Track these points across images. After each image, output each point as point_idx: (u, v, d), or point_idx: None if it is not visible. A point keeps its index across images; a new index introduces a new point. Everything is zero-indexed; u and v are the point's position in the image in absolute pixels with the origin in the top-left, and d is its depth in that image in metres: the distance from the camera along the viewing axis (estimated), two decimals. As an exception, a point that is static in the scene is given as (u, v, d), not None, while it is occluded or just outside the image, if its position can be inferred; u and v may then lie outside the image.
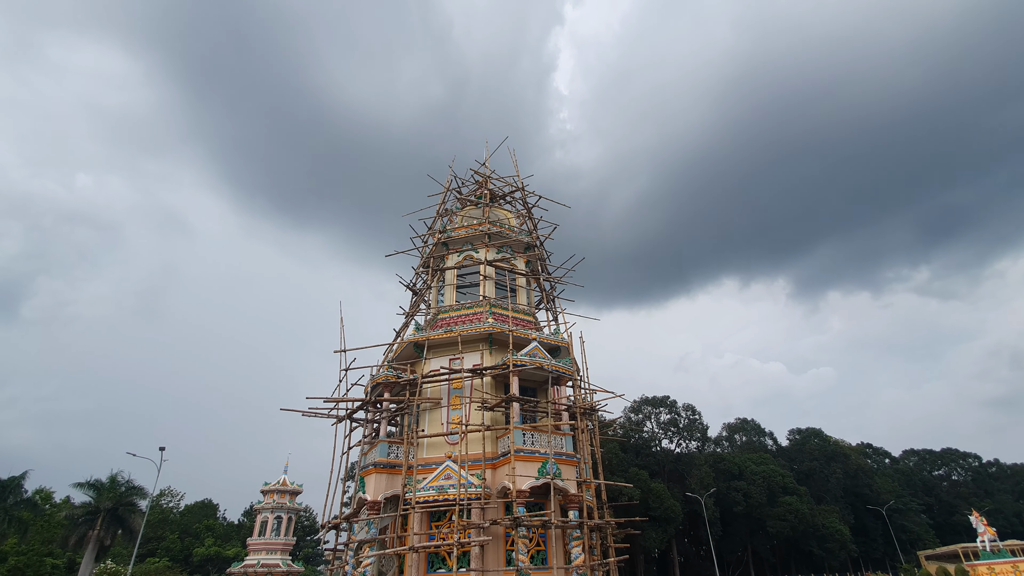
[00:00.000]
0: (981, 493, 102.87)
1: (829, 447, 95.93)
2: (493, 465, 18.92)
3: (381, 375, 21.77)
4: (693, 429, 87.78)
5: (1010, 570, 31.86)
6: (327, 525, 21.72)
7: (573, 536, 17.56)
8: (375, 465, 19.43)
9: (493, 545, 17.17)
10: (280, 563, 51.84)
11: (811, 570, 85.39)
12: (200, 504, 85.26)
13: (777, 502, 78.47)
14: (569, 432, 20.56)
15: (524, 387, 21.37)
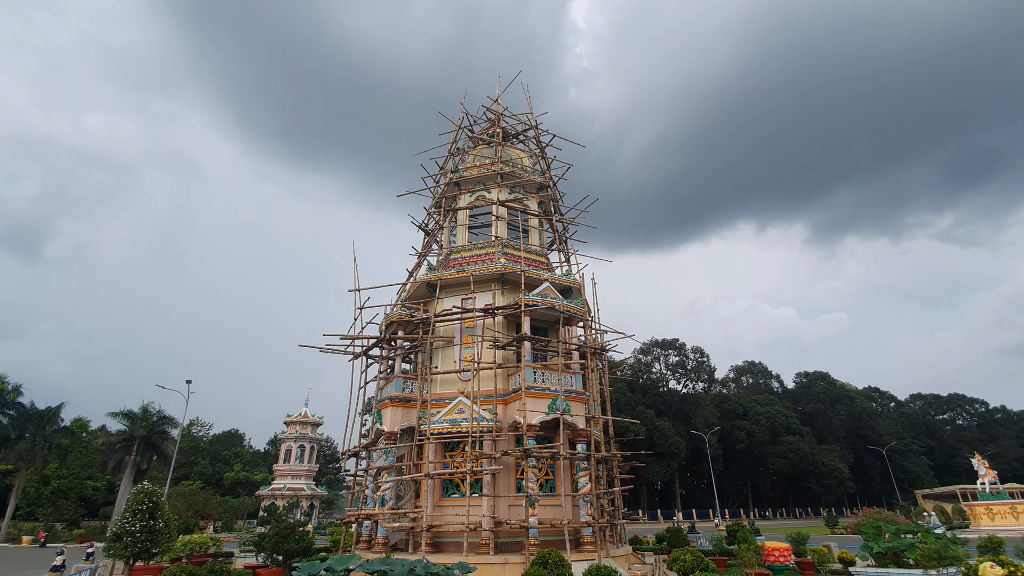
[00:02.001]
0: (985, 438, 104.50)
1: (835, 390, 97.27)
2: (504, 401, 19.59)
3: (395, 314, 22.20)
4: (700, 371, 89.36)
5: (1008, 511, 32.71)
6: (347, 453, 22.96)
7: (580, 467, 18.40)
8: (391, 399, 20.23)
9: (504, 474, 18.10)
10: (305, 487, 55.53)
11: (808, 504, 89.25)
12: (228, 434, 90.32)
13: (779, 441, 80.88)
14: (579, 371, 21.05)
15: (535, 327, 21.70)
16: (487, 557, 15.65)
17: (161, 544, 15.36)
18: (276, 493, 53.59)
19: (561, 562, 12.14)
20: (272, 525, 17.69)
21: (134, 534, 14.15)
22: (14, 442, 42.85)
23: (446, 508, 18.11)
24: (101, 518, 56.71)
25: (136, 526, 14.26)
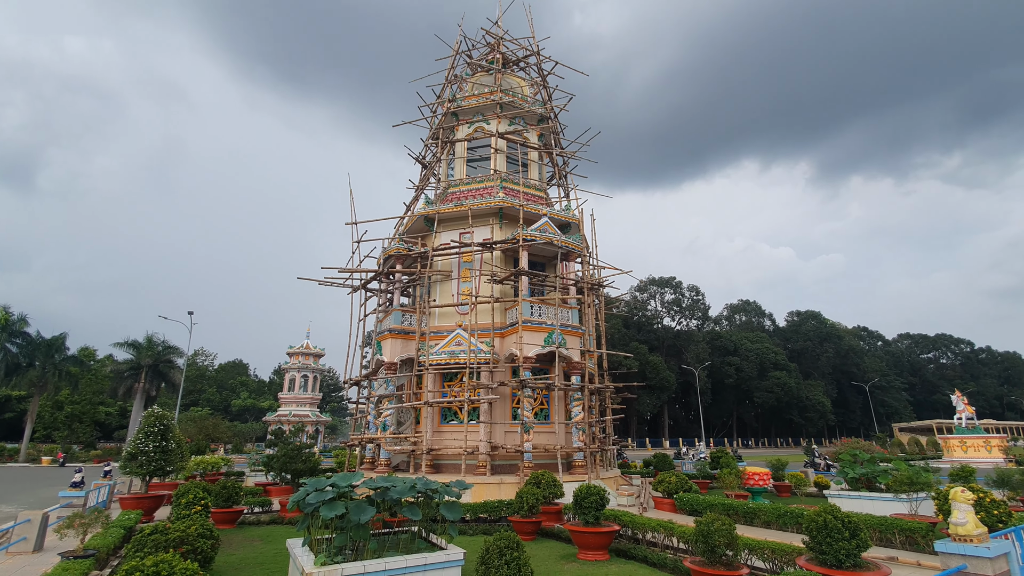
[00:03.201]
0: (967, 376, 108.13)
1: (825, 329, 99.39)
2: (501, 334, 20.03)
3: (392, 247, 22.18)
4: (695, 309, 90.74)
5: (982, 444, 34.34)
6: (349, 382, 23.75)
7: (574, 398, 19.15)
8: (390, 331, 20.65)
9: (500, 403, 18.86)
10: (309, 414, 57.91)
11: (789, 435, 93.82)
12: (232, 363, 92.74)
13: (767, 376, 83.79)
14: (575, 306, 21.38)
15: (533, 261, 21.78)
16: (484, 478, 16.62)
17: (174, 463, 16.22)
18: (282, 419, 55.93)
19: (553, 482, 12.94)
20: (280, 447, 18.62)
21: (148, 453, 14.91)
22: (25, 369, 44.07)
23: (445, 433, 19.00)
24: (116, 440, 59.44)
25: (149, 446, 14.99)
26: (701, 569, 7.03)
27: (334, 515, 6.71)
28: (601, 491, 9.82)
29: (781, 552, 7.69)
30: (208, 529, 8.15)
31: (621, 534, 10.80)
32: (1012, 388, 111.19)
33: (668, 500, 14.94)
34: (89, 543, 9.31)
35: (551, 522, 12.20)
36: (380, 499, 7.55)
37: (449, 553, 7.16)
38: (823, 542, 6.70)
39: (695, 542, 7.29)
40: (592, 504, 9.66)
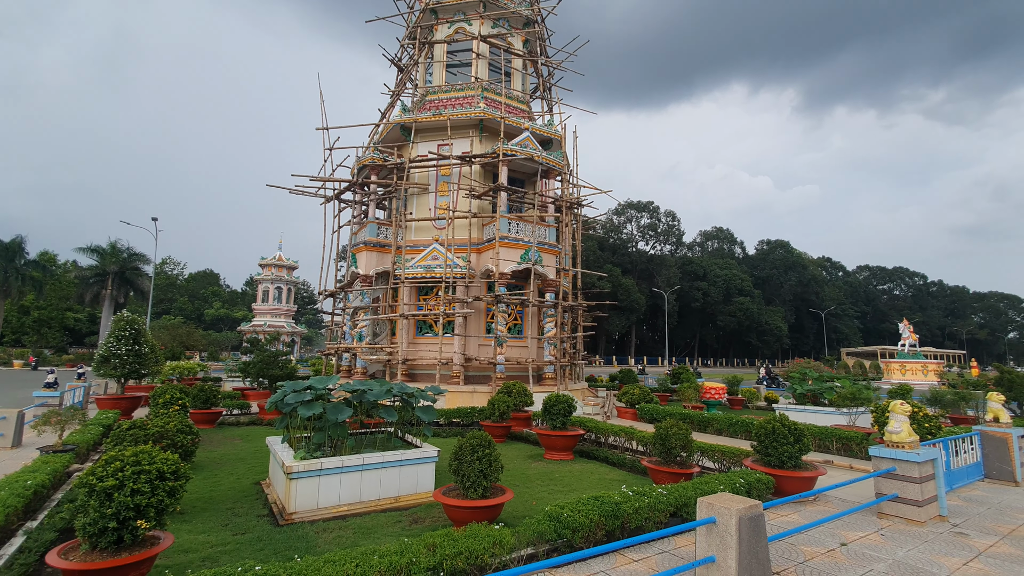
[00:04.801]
0: (916, 307, 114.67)
1: (791, 258, 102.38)
2: (478, 250, 19.97)
3: (367, 157, 21.26)
4: (670, 234, 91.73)
5: (919, 368, 37.38)
6: (324, 293, 23.69)
7: (547, 314, 19.63)
8: (365, 244, 20.35)
9: (475, 317, 19.22)
10: (285, 325, 58.16)
11: (747, 356, 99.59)
12: (203, 273, 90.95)
13: (731, 301, 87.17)
14: (553, 224, 21.30)
15: (512, 177, 21.29)
16: (457, 387, 17.30)
17: (149, 367, 16.29)
18: (257, 329, 56.09)
19: (524, 391, 13.58)
20: (256, 353, 18.80)
21: (121, 356, 14.88)
22: (-17, 273, 42.40)
23: (420, 345, 19.43)
24: (88, 346, 59.03)
25: (122, 350, 14.93)
26: (657, 468, 7.65)
27: (312, 414, 6.92)
28: (569, 399, 10.36)
29: (730, 454, 8.41)
30: (187, 425, 8.35)
31: (585, 438, 11.57)
32: (955, 320, 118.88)
33: (631, 410, 15.93)
34: (68, 439, 9.49)
35: (521, 427, 12.94)
36: (357, 401, 7.79)
37: (424, 451, 7.57)
38: (769, 446, 7.32)
39: (653, 444, 7.87)
40: (560, 411, 10.23)
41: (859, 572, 4.75)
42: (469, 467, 5.88)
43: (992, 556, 5.25)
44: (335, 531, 6.05)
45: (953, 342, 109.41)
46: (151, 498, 4.47)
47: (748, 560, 4.13)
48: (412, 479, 7.33)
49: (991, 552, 5.36)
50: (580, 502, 5.30)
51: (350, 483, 6.92)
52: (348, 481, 6.91)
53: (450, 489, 6.26)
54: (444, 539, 4.40)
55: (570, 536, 4.97)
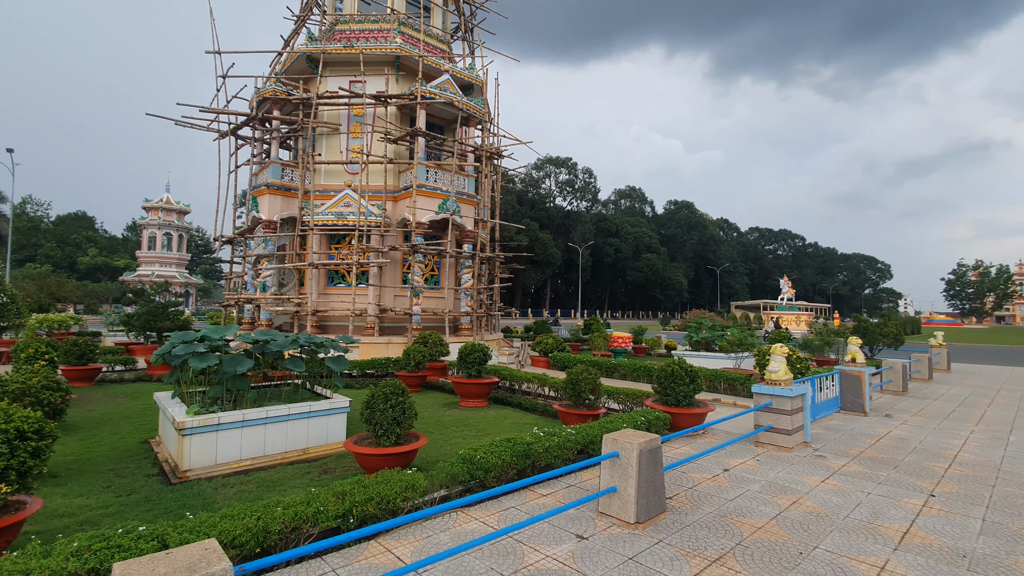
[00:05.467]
0: (795, 266, 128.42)
1: (695, 218, 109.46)
2: (394, 198, 19.13)
3: (268, 89, 19.24)
4: (586, 191, 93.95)
5: (792, 319, 42.89)
6: (221, 239, 21.68)
7: (465, 265, 19.49)
8: (268, 186, 18.73)
9: (391, 267, 18.63)
10: (177, 275, 52.95)
11: (651, 309, 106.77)
12: (74, 216, 79.63)
13: (640, 257, 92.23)
14: (472, 174, 20.83)
15: (431, 123, 20.39)
16: (372, 338, 16.87)
17: (9, 319, 14.18)
18: (143, 279, 50.61)
19: (440, 342, 13.54)
20: (141, 304, 16.96)
21: (-32, 306, 12.78)
22: None
23: (332, 296, 18.58)
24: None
25: (-31, 298, 12.81)
26: (567, 411, 8.03)
27: (206, 366, 6.39)
28: (484, 348, 10.47)
29: (633, 396, 9.02)
30: (55, 382, 7.41)
31: (500, 385, 11.86)
32: (825, 277, 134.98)
33: (544, 359, 16.52)
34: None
35: (437, 377, 12.97)
36: (259, 352, 7.31)
37: (335, 401, 7.32)
38: (668, 387, 7.93)
39: (564, 389, 8.22)
40: (475, 359, 10.33)
41: (737, 493, 5.35)
42: (382, 415, 5.77)
43: (843, 474, 6.14)
44: (236, 486, 5.74)
45: (822, 297, 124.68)
46: (10, 460, 3.94)
47: (646, 488, 4.48)
48: (322, 431, 7.10)
49: (843, 471, 6.27)
50: (493, 444, 5.42)
51: (253, 437, 6.56)
52: (251, 435, 6.54)
53: (362, 438, 6.14)
54: (354, 486, 4.31)
55: (483, 477, 5.09)
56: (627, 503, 4.43)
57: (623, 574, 3.63)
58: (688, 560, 3.85)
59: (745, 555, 3.95)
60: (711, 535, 4.30)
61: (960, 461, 6.80)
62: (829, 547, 4.13)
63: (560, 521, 4.53)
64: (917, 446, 7.56)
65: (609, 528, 4.39)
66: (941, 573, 3.75)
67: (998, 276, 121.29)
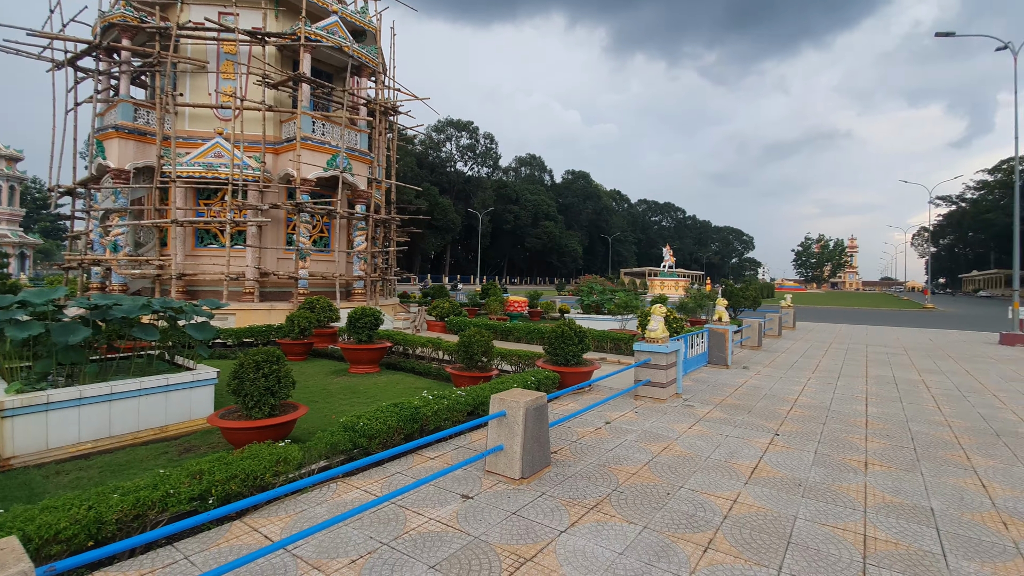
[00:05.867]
0: (676, 236, 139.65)
1: (590, 189, 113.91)
2: (275, 150, 17.38)
3: (115, 13, 16.28)
4: (488, 156, 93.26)
5: (672, 284, 47.09)
6: (58, 190, 18.35)
7: (358, 227, 18.44)
8: (117, 129, 16.05)
9: (273, 227, 17.06)
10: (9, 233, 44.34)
11: (548, 275, 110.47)
12: None
13: (538, 225, 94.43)
14: (365, 130, 19.54)
15: (318, 69, 18.66)
16: (251, 304, 15.48)
17: None
18: (-46, 236, 41.71)
19: (329, 307, 12.77)
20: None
21: None
22: None
23: (202, 258, 16.66)
24: None
25: None
26: (460, 373, 7.98)
27: (27, 336, 5.34)
28: (375, 313, 10.03)
29: (525, 357, 9.22)
30: None
31: (393, 351, 11.51)
32: (700, 247, 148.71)
33: (440, 323, 16.34)
34: None
35: (325, 343, 12.26)
36: (101, 319, 6.28)
37: (199, 373, 6.57)
38: (558, 347, 8.17)
39: (457, 352, 8.14)
40: (366, 324, 9.86)
41: (616, 443, 5.69)
42: (252, 385, 5.26)
43: (707, 420, 6.79)
44: (73, 473, 4.95)
45: (698, 265, 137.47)
46: None
47: (531, 444, 4.55)
48: (184, 406, 6.35)
49: (707, 417, 6.93)
50: (379, 410, 5.19)
51: (95, 416, 5.68)
52: (92, 414, 5.65)
53: (230, 411, 5.57)
54: (215, 464, 3.87)
55: (367, 444, 4.87)
56: (513, 460, 4.48)
57: (506, 529, 3.67)
58: (568, 509, 4.00)
59: (619, 500, 4.19)
60: (590, 484, 4.51)
61: (800, 404, 7.86)
62: (692, 486, 4.53)
63: (446, 483, 4.48)
64: (767, 392, 8.60)
65: (495, 486, 4.42)
66: (780, 500, 4.27)
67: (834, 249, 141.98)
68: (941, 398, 8.50)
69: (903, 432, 6.45)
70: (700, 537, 3.62)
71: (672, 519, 3.88)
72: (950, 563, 3.35)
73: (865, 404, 7.94)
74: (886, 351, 14.43)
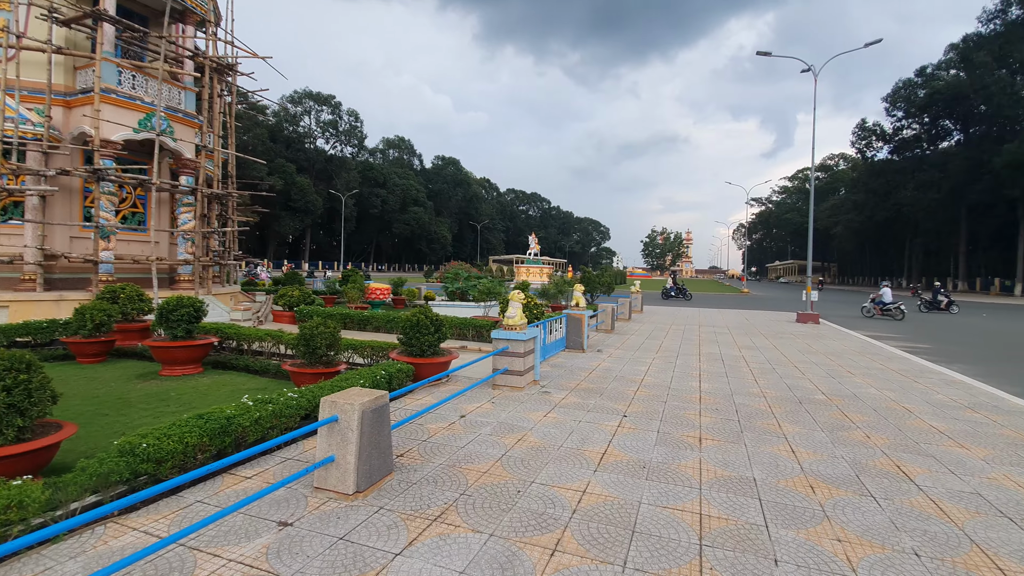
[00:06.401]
0: (542, 225, 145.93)
1: (460, 175, 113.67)
2: (67, 103, 14.02)
3: None
4: (352, 135, 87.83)
5: (537, 271, 49.11)
6: None
7: (184, 202, 15.75)
8: None
9: (64, 199, 13.79)
10: None
11: (417, 262, 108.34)
12: None
13: (407, 210, 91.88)
14: (193, 88, 16.76)
15: (128, 10, 15.44)
16: (32, 295, 12.40)
17: None
18: None
19: (138, 296, 10.62)
20: None
21: None
22: None
23: (-45, 234, 12.91)
24: None
25: None
26: (300, 370, 7.02)
27: None
28: (196, 303, 8.48)
29: (379, 348, 8.50)
30: None
31: (224, 347, 9.96)
32: (564, 236, 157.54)
33: (288, 313, 14.71)
34: None
35: (134, 341, 10.17)
36: None
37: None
38: (413, 337, 7.61)
39: (298, 346, 7.16)
40: (183, 317, 8.27)
41: (470, 439, 5.34)
42: (-18, 403, 3.89)
43: (562, 406, 6.79)
44: None
45: (561, 253, 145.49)
46: None
47: (369, 452, 3.97)
48: None
49: (562, 403, 6.93)
50: (174, 425, 4.18)
51: None
52: None
53: (-50, 439, 4.09)
54: None
55: (154, 470, 3.87)
56: (346, 472, 3.86)
57: (328, 561, 3.07)
58: (408, 524, 3.52)
59: (467, 505, 3.82)
60: (437, 490, 4.07)
61: (645, 384, 8.30)
62: (544, 479, 4.34)
63: (262, 508, 3.71)
64: (618, 374, 8.99)
65: (324, 505, 3.77)
66: (627, 486, 4.26)
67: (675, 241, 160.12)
68: (757, 371, 9.65)
69: (729, 405, 7.08)
70: (548, 539, 3.39)
71: (521, 521, 3.61)
72: (772, 533, 3.54)
73: (699, 381, 8.67)
74: (714, 331, 16.29)
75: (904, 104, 60.54)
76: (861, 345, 13.86)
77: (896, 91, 61.09)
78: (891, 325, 20.46)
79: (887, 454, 5.27)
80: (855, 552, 3.33)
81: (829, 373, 9.68)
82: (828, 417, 6.61)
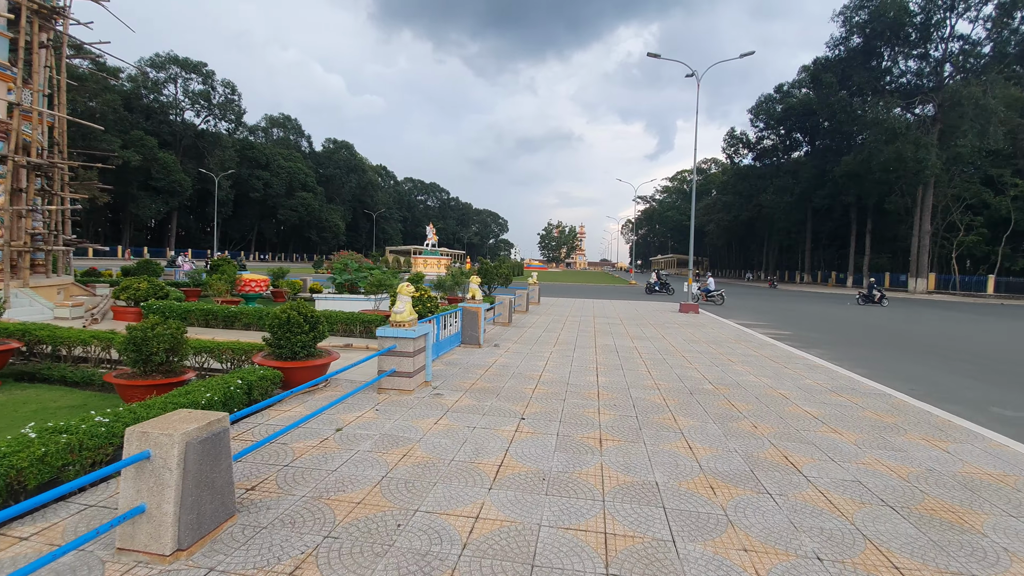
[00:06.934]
0: (440, 216, 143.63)
1: (354, 161, 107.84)
2: None
3: None
4: (228, 109, 79.29)
5: (435, 262, 48.01)
6: None
7: (-12, 172, 12.63)
8: None
9: None
10: None
11: (306, 251, 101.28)
12: None
13: (294, 196, 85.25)
14: (7, 33, 13.52)
15: None
16: None
17: None
18: None
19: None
20: None
21: None
22: None
23: None
24: None
25: None
26: (129, 382, 5.65)
27: None
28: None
29: (240, 351, 7.23)
30: None
31: (34, 352, 7.98)
32: (463, 228, 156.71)
33: (134, 310, 12.41)
34: None
35: (-102, 348, 7.77)
36: None
37: None
38: (282, 337, 6.53)
39: (126, 351, 5.75)
40: (-35, 317, 6.38)
41: (345, 458, 4.54)
42: None
43: (455, 410, 6.18)
44: None
45: (460, 244, 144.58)
46: None
47: (196, 496, 3.04)
48: None
49: (455, 407, 6.32)
50: None
51: None
52: None
53: None
54: None
55: None
56: (161, 526, 2.91)
57: (113, 667, 2.17)
58: (247, 589, 2.69)
59: (330, 553, 3.07)
60: (293, 533, 3.26)
61: (543, 380, 7.97)
62: (430, 506, 3.70)
63: (28, 587, 2.65)
64: (515, 371, 8.58)
65: (128, 573, 2.80)
66: (525, 505, 3.77)
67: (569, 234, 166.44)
68: (649, 362, 9.81)
69: (626, 400, 6.96)
70: (431, 589, 2.77)
71: (399, 568, 2.94)
72: (679, 549, 3.24)
73: (596, 375, 8.54)
74: (607, 322, 16.68)
75: (765, 116, 68.07)
76: (736, 333, 14.93)
77: (759, 104, 68.40)
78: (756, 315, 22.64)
79: (774, 444, 5.36)
80: (762, 562, 3.12)
81: (713, 361, 10.12)
82: (717, 407, 6.72)
